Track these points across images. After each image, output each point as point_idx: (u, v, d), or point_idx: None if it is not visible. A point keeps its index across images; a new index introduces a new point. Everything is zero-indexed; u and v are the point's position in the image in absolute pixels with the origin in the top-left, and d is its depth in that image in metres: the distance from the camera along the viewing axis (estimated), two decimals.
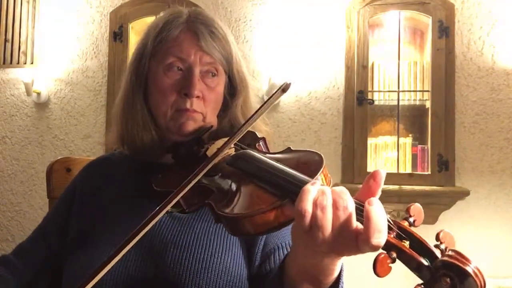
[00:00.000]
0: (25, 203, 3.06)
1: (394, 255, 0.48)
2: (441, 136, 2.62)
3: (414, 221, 0.52)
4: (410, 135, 2.82)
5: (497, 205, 2.57)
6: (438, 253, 0.47)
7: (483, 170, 2.60)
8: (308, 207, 0.50)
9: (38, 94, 2.99)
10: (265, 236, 0.81)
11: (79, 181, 0.96)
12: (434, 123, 2.63)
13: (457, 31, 2.65)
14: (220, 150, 0.68)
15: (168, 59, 0.84)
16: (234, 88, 0.92)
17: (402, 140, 2.77)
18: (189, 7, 0.93)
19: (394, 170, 2.72)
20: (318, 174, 0.58)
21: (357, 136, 2.70)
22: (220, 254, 0.77)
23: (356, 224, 0.50)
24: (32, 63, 3.07)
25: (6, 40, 3.10)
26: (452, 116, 2.62)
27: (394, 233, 0.50)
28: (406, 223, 0.51)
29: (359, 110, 2.70)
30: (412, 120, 2.88)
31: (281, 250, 0.81)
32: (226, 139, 0.72)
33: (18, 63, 3.08)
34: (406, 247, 0.48)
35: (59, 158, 1.19)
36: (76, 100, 3.03)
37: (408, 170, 2.71)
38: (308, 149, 0.69)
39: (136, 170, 0.91)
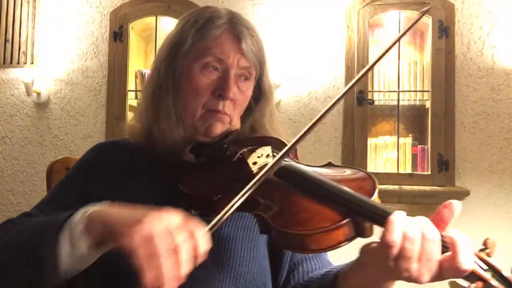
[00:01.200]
0: (25, 203, 3.05)
1: (481, 285, 0.52)
2: (441, 136, 2.62)
3: (488, 253, 0.57)
4: (410, 135, 2.82)
5: (497, 205, 2.57)
6: None
7: (483, 170, 2.59)
8: (397, 239, 0.51)
9: (38, 94, 2.99)
10: None
11: (91, 162, 0.89)
12: (434, 123, 2.63)
13: (457, 31, 2.65)
14: (279, 159, 0.64)
15: (206, 58, 0.82)
16: (261, 94, 0.91)
17: (402, 140, 2.77)
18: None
19: (394, 170, 2.72)
20: (375, 194, 0.61)
21: (357, 136, 2.70)
22: (247, 263, 0.75)
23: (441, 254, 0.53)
24: (32, 63, 3.07)
25: (6, 40, 3.10)
26: (452, 116, 2.62)
27: (477, 265, 0.53)
28: (483, 254, 0.56)
29: (359, 110, 2.70)
30: (412, 120, 2.88)
31: (308, 262, 0.81)
32: (262, 148, 0.73)
33: (18, 63, 3.08)
34: (490, 278, 0.52)
35: (59, 158, 1.18)
36: (76, 100, 3.03)
37: (408, 170, 2.71)
38: (351, 167, 0.70)
39: (153, 164, 0.86)
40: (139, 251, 0.50)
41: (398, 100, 2.77)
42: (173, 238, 0.51)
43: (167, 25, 3.01)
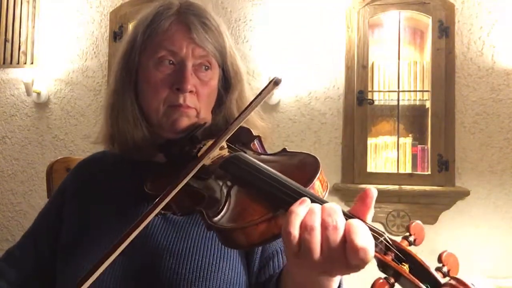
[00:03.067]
0: (25, 203, 3.06)
1: (392, 280, 0.44)
2: (441, 136, 2.62)
3: (414, 240, 0.48)
4: (410, 135, 2.82)
5: (497, 205, 2.57)
6: (440, 277, 0.43)
7: (483, 170, 2.59)
8: (295, 231, 0.47)
9: (38, 94, 2.99)
10: None
11: (69, 181, 0.91)
12: (434, 123, 2.63)
13: (457, 31, 2.65)
14: (208, 150, 0.63)
15: (159, 53, 0.80)
16: (228, 82, 0.88)
17: (402, 140, 2.77)
18: None
19: (394, 170, 2.72)
20: (315, 179, 0.56)
21: (357, 136, 2.70)
22: (218, 262, 0.73)
23: None
24: (32, 63, 3.07)
25: (6, 40, 3.10)
26: (452, 116, 2.62)
27: (393, 254, 0.46)
28: (405, 243, 0.47)
29: (359, 110, 2.70)
30: (412, 120, 2.88)
31: (280, 256, 0.78)
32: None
33: (18, 63, 3.08)
34: (405, 271, 0.44)
35: (59, 158, 1.18)
36: (76, 100, 3.03)
37: (408, 170, 2.71)
38: (303, 152, 0.66)
39: (129, 170, 0.86)
40: None
41: (398, 100, 2.77)
42: None
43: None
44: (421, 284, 0.43)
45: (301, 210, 0.48)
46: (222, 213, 0.56)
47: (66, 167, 1.15)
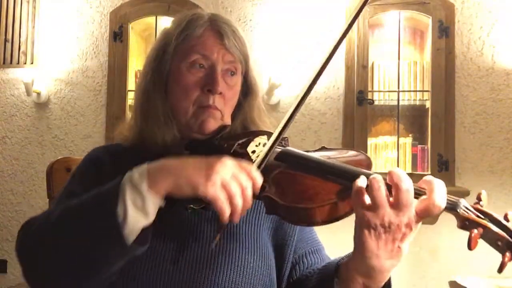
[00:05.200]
0: (25, 203, 3.06)
1: (481, 230, 0.58)
2: (441, 136, 2.62)
3: (482, 205, 0.63)
4: (410, 135, 2.82)
5: (497, 205, 2.57)
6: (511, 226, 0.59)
7: (483, 170, 2.59)
8: (362, 184, 0.60)
9: (38, 94, 2.99)
10: (295, 241, 0.86)
11: (102, 155, 0.90)
12: (434, 123, 2.63)
13: (457, 31, 2.65)
14: (280, 134, 0.71)
15: (191, 57, 0.85)
16: (248, 89, 0.94)
17: (402, 140, 2.77)
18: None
19: None
20: (372, 168, 0.69)
21: (357, 136, 2.70)
22: (252, 255, 0.79)
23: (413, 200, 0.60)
24: (32, 63, 3.07)
25: (6, 40, 3.10)
26: (452, 116, 2.62)
27: (473, 214, 0.60)
28: (479, 206, 0.62)
29: (359, 110, 2.70)
30: (412, 120, 2.88)
31: (311, 255, 0.85)
32: (259, 137, 0.80)
33: (18, 63, 3.09)
34: (488, 224, 0.59)
35: (59, 158, 1.19)
36: (76, 100, 3.03)
37: (408, 170, 2.71)
38: (343, 148, 0.76)
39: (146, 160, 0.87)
40: (219, 196, 0.61)
41: (398, 100, 2.77)
42: (240, 180, 0.63)
43: (167, 25, 3.01)
44: (502, 232, 0.58)
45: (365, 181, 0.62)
46: (292, 195, 0.66)
47: (66, 167, 1.16)
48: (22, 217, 3.04)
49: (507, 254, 0.58)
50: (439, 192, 0.61)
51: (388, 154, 2.78)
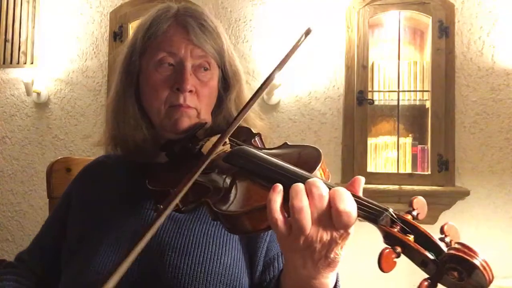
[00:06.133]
0: (25, 203, 3.06)
1: (399, 249, 0.47)
2: (441, 136, 2.62)
3: (417, 214, 0.52)
4: (410, 135, 2.82)
5: (497, 205, 2.57)
6: (443, 246, 0.46)
7: (483, 170, 2.59)
8: (278, 215, 0.51)
9: (38, 94, 2.99)
10: (267, 242, 0.79)
11: (75, 187, 0.93)
12: (434, 123, 2.63)
13: (457, 31, 2.65)
14: (216, 144, 0.65)
15: (158, 55, 0.82)
16: (227, 82, 0.89)
17: (402, 140, 2.77)
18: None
19: (394, 170, 2.72)
20: (317, 168, 0.58)
21: (357, 136, 2.70)
22: (219, 256, 0.75)
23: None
24: (32, 63, 3.07)
25: (6, 40, 3.10)
26: (452, 116, 2.62)
27: (398, 227, 0.49)
28: (409, 217, 0.50)
29: (359, 110, 2.70)
30: (412, 120, 2.88)
31: (282, 258, 0.78)
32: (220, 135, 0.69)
33: (18, 63, 3.08)
34: (411, 241, 0.47)
35: (59, 158, 1.18)
36: (76, 100, 3.03)
37: (408, 170, 2.71)
38: (305, 144, 0.68)
39: (131, 172, 0.88)
40: None
41: (398, 100, 2.77)
42: None
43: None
44: (426, 252, 0.46)
45: (277, 196, 0.51)
46: (228, 202, 0.59)
47: (66, 167, 1.16)
48: (22, 217, 3.04)
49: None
50: (342, 198, 0.50)
51: (388, 154, 2.78)
